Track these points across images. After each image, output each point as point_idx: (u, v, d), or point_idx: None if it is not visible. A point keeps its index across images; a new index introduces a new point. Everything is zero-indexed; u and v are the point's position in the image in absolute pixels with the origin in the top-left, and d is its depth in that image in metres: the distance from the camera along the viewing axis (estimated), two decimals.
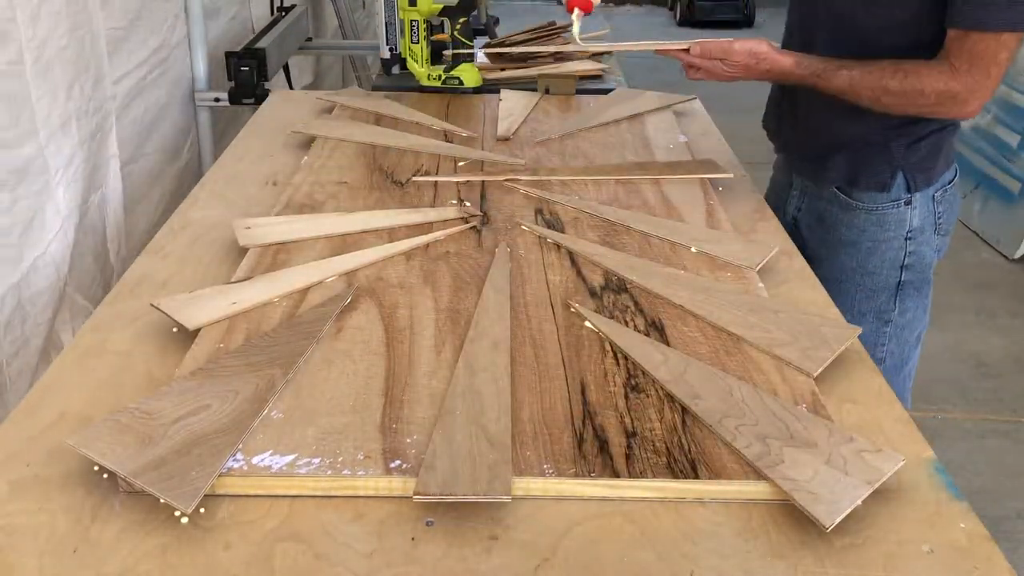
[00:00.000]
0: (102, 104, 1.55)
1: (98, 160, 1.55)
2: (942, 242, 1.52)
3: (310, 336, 1.03)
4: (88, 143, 1.49)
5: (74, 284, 1.46)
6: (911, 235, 1.46)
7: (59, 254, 1.40)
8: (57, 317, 1.42)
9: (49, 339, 1.40)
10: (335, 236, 1.28)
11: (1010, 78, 3.75)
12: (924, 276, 1.51)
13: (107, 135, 1.58)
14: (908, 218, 1.46)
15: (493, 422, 0.89)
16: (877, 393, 0.99)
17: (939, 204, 1.47)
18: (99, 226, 1.58)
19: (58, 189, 1.40)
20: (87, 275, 1.53)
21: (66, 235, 1.42)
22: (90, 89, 1.49)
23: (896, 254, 1.47)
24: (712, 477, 0.83)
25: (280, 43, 2.40)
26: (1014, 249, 3.56)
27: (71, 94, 1.42)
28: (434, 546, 0.77)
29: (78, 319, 1.47)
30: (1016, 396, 2.74)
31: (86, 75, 1.47)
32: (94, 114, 1.51)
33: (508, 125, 1.76)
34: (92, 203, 1.54)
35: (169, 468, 0.81)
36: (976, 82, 1.27)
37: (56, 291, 1.40)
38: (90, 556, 0.75)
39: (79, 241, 1.48)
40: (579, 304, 1.12)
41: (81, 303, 1.48)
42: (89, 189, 1.51)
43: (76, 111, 1.44)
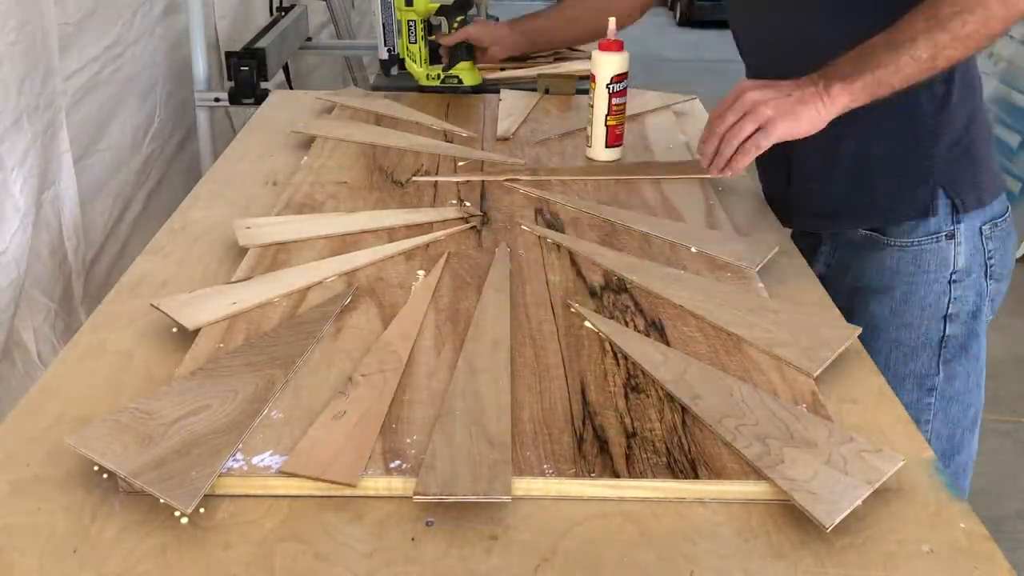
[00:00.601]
0: (52, 100, 1.54)
1: (50, 156, 1.53)
2: (996, 288, 1.27)
3: (310, 336, 1.03)
4: (40, 139, 1.48)
5: (31, 280, 1.46)
6: (956, 277, 1.22)
7: (17, 252, 1.39)
8: (17, 315, 1.41)
9: (10, 336, 1.40)
10: (335, 236, 1.28)
11: (1010, 78, 3.76)
12: (972, 330, 1.25)
13: (58, 131, 1.57)
14: (951, 256, 1.22)
15: (493, 422, 0.89)
16: (877, 393, 0.99)
17: (989, 240, 1.24)
18: (54, 223, 1.56)
19: (15, 186, 1.39)
20: (45, 272, 1.52)
21: (24, 232, 1.42)
22: (39, 85, 1.48)
23: (937, 300, 1.23)
24: (712, 477, 0.83)
25: (280, 43, 2.40)
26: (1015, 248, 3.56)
27: (22, 90, 1.41)
28: (434, 546, 0.77)
29: (37, 316, 1.46)
30: (1016, 396, 2.74)
31: (36, 71, 1.46)
32: (45, 110, 1.50)
33: (508, 125, 1.76)
34: (46, 199, 1.53)
35: (169, 468, 0.81)
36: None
37: (16, 288, 1.39)
38: (90, 556, 0.75)
39: (35, 238, 1.47)
40: (579, 304, 1.12)
41: (41, 300, 1.48)
42: (43, 185, 1.50)
43: (27, 107, 1.43)
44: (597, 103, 1.54)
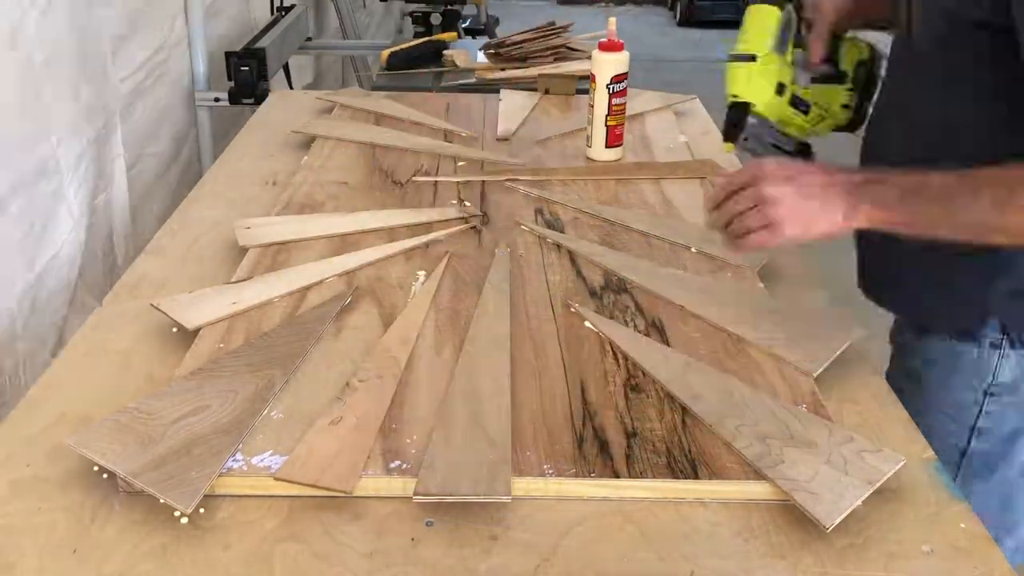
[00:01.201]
0: (107, 104, 1.55)
1: (104, 161, 1.55)
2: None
3: (310, 336, 1.03)
4: (95, 144, 1.49)
5: (85, 285, 1.46)
6: (994, 391, 1.07)
7: (72, 256, 1.40)
8: (69, 318, 1.42)
9: (61, 340, 1.40)
10: (335, 236, 1.28)
11: None
12: (1006, 452, 1.10)
13: (112, 135, 1.58)
14: (994, 366, 1.07)
15: (493, 422, 0.89)
16: (877, 393, 0.99)
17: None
18: (106, 227, 1.58)
19: (70, 189, 1.40)
20: (98, 276, 1.53)
21: (78, 237, 1.43)
22: (96, 89, 1.49)
23: (969, 410, 1.09)
24: (712, 477, 0.83)
25: (280, 43, 2.40)
26: None
27: (78, 94, 1.42)
28: (434, 546, 0.77)
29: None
30: None
31: (92, 75, 1.47)
32: (100, 114, 1.51)
33: (508, 125, 1.76)
34: (99, 204, 1.54)
35: (169, 468, 0.81)
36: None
37: (69, 292, 1.40)
38: (90, 556, 0.75)
39: (89, 242, 1.48)
40: (579, 304, 1.12)
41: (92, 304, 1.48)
42: (96, 190, 1.52)
43: (84, 111, 1.44)
44: (597, 103, 1.54)
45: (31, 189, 1.29)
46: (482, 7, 3.31)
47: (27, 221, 1.28)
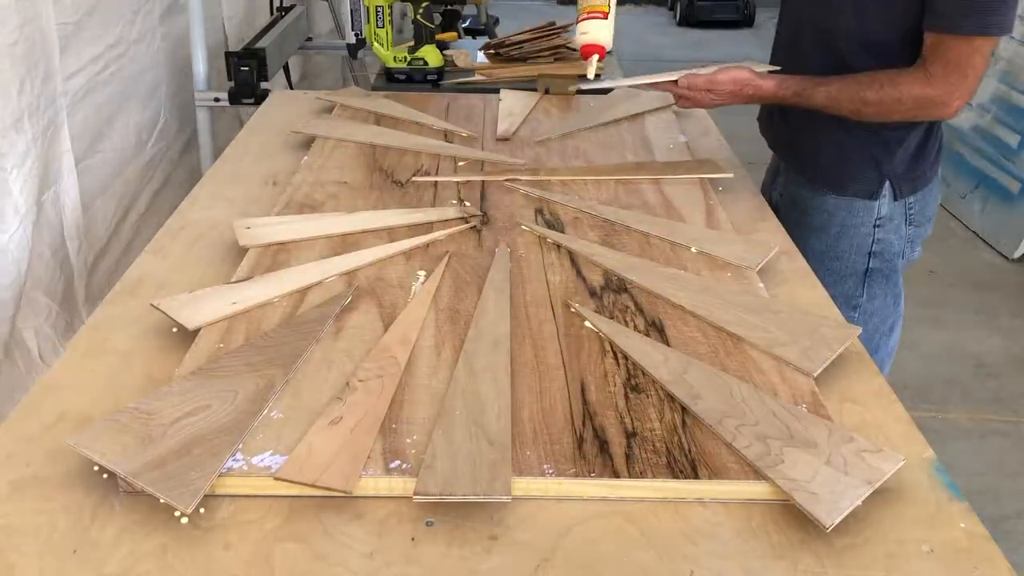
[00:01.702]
0: (53, 100, 1.53)
1: (51, 156, 1.53)
2: (915, 233, 1.54)
3: (310, 336, 1.03)
4: (40, 139, 1.48)
5: (32, 281, 1.45)
6: (879, 223, 1.50)
7: (18, 252, 1.39)
8: (18, 315, 1.41)
9: (12, 337, 1.39)
10: (335, 236, 1.28)
11: (1010, 78, 3.76)
12: (893, 265, 1.53)
13: (59, 131, 1.56)
14: (876, 207, 1.49)
15: (493, 422, 0.89)
16: (877, 393, 0.99)
17: (911, 196, 1.50)
18: (56, 223, 1.56)
19: (15, 186, 1.39)
20: (47, 272, 1.52)
21: (24, 232, 1.41)
22: (40, 85, 1.48)
23: (864, 240, 1.51)
24: (712, 477, 0.83)
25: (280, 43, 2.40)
26: (1014, 249, 3.56)
27: (23, 90, 1.41)
28: (434, 546, 0.77)
29: (39, 317, 1.46)
30: (1016, 396, 2.74)
31: (36, 71, 1.46)
32: (45, 110, 1.50)
33: (508, 125, 1.76)
34: (47, 200, 1.52)
35: (169, 468, 0.81)
36: (952, 86, 1.30)
37: (16, 288, 1.39)
38: (90, 556, 0.75)
39: (36, 238, 1.47)
40: (579, 304, 1.12)
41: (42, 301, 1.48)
42: (43, 186, 1.50)
43: (28, 107, 1.43)
44: None
45: None
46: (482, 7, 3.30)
47: None
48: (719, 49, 6.79)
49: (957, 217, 3.90)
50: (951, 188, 3.97)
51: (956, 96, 1.32)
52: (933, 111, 1.35)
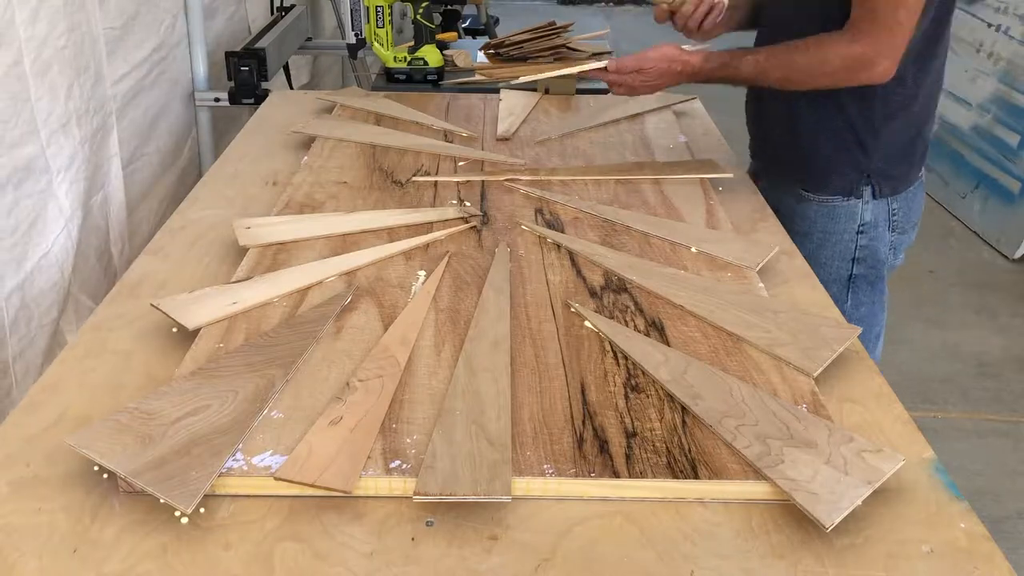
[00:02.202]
0: (102, 104, 1.55)
1: (99, 160, 1.55)
2: (899, 239, 1.51)
3: (310, 336, 1.03)
4: (89, 143, 1.49)
5: (78, 284, 1.46)
6: (862, 229, 1.47)
7: (63, 254, 1.40)
8: (62, 317, 1.42)
9: (54, 339, 1.40)
10: (335, 236, 1.28)
11: (1010, 77, 3.76)
12: (877, 271, 1.51)
13: (108, 135, 1.58)
14: (859, 212, 1.46)
15: (493, 422, 0.89)
16: (877, 393, 0.99)
17: (894, 201, 1.48)
18: (102, 226, 1.57)
19: (60, 189, 1.40)
20: (91, 275, 1.53)
21: (69, 235, 1.42)
22: (89, 89, 1.49)
23: (847, 247, 1.48)
24: (712, 477, 0.83)
25: (280, 43, 2.40)
26: (1014, 249, 3.56)
27: (71, 94, 1.42)
28: (434, 546, 0.77)
29: (83, 319, 1.46)
30: (1016, 396, 2.74)
31: (85, 75, 1.47)
32: (94, 114, 1.51)
33: (508, 125, 1.76)
34: (95, 203, 1.53)
35: (169, 468, 0.81)
36: (880, 42, 1.27)
37: (61, 291, 1.40)
38: (90, 556, 0.75)
39: (82, 241, 1.48)
40: (579, 304, 1.12)
41: (86, 303, 1.48)
42: (91, 189, 1.51)
43: (76, 111, 1.44)
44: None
45: (18, 188, 1.28)
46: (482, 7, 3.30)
47: (15, 220, 1.28)
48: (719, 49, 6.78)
49: (957, 217, 3.90)
50: (951, 188, 3.97)
51: (883, 55, 1.27)
52: (860, 73, 1.30)
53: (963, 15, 3.95)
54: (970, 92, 3.95)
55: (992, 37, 3.89)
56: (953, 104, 4.04)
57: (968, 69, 3.93)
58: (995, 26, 3.88)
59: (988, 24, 3.92)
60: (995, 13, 3.90)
